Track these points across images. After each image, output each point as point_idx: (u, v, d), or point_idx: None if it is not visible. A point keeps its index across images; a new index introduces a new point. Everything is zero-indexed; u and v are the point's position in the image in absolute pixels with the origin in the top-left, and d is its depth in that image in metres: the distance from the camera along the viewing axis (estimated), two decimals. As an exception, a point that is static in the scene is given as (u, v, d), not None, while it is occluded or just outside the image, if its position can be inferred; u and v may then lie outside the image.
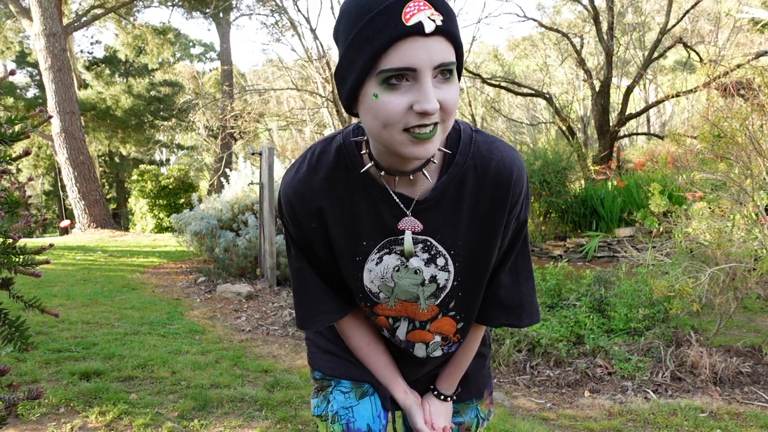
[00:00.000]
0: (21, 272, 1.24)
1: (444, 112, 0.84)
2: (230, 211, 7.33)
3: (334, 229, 1.03)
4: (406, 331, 1.15)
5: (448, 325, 1.13)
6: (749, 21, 15.81)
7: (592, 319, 4.05)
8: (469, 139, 1.00)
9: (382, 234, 1.03)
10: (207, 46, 27.45)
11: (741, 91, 4.36)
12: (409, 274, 1.05)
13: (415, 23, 0.78)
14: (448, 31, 0.81)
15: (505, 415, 2.95)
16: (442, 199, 1.00)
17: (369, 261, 1.05)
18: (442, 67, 0.82)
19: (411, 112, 0.82)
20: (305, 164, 1.03)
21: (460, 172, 0.99)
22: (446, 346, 1.17)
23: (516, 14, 27.05)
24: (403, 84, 0.82)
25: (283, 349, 4.19)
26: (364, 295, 1.10)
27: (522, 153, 9.13)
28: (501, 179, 1.00)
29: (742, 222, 3.73)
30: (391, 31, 0.79)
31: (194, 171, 28.28)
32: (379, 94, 0.83)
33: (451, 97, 0.84)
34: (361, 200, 1.01)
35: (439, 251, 1.04)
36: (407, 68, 0.80)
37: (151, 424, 2.66)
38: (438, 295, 1.08)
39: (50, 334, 4.14)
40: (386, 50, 0.80)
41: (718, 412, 2.93)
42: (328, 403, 1.21)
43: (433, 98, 0.81)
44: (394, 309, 1.11)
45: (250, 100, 17.85)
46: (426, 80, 0.81)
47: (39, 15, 12.57)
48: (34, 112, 1.33)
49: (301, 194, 1.02)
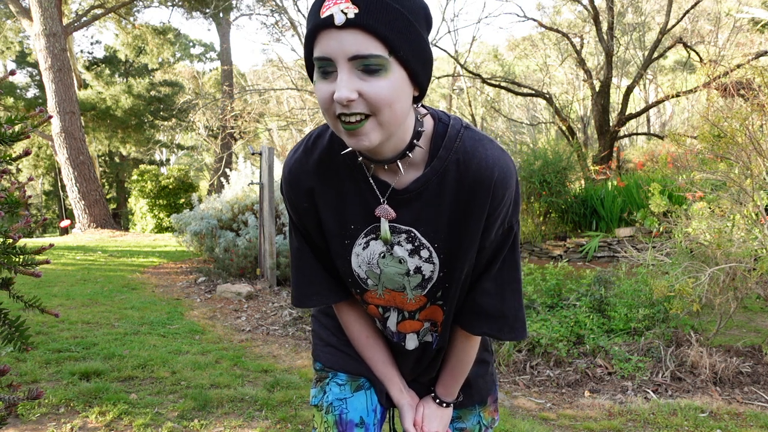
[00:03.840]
0: (21, 272, 1.24)
1: (371, 104, 0.85)
2: (230, 211, 7.33)
3: (324, 210, 1.06)
4: (396, 321, 1.16)
5: (437, 312, 1.15)
6: (749, 21, 15.82)
7: (592, 319, 4.05)
8: (456, 134, 1.00)
9: (367, 219, 1.05)
10: (207, 46, 27.46)
11: (741, 91, 4.36)
12: (394, 263, 1.07)
13: (326, 16, 0.82)
14: (364, 23, 0.82)
15: (505, 415, 2.95)
16: (425, 192, 1.00)
17: (356, 245, 1.07)
18: (360, 59, 0.83)
19: (335, 101, 0.86)
20: (302, 146, 1.08)
21: (442, 166, 0.99)
22: (435, 332, 1.18)
23: (516, 14, 27.07)
24: (332, 74, 0.86)
25: (283, 349, 4.19)
26: (353, 281, 1.12)
27: (522, 153, 9.13)
28: (480, 178, 0.98)
29: (742, 222, 3.73)
30: (310, 23, 0.85)
31: (194, 171, 28.30)
32: (316, 81, 0.89)
33: (374, 91, 0.84)
34: (348, 183, 1.04)
35: (423, 243, 1.04)
36: (324, 57, 0.85)
37: (151, 424, 2.66)
38: (425, 286, 1.09)
39: (50, 334, 4.14)
40: (312, 41, 0.86)
41: (718, 412, 2.93)
42: (324, 393, 1.23)
43: (344, 88, 0.83)
44: (383, 298, 1.13)
45: (250, 100, 17.86)
46: (341, 71, 0.84)
47: (39, 15, 12.57)
48: (34, 112, 1.33)
49: (295, 174, 1.06)
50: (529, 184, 8.13)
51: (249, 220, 6.92)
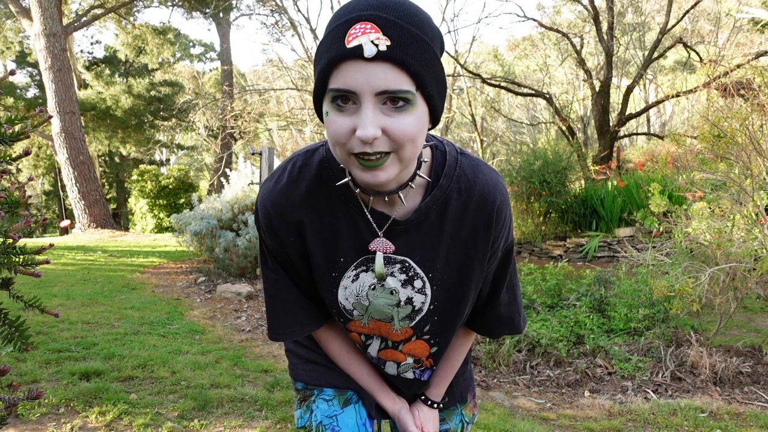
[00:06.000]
0: (21, 272, 1.24)
1: (394, 142, 0.80)
2: (230, 211, 7.33)
3: (313, 243, 1.01)
4: (377, 348, 1.13)
5: (421, 348, 1.12)
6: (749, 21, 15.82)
7: (592, 319, 4.05)
8: (455, 161, 0.98)
9: (359, 251, 1.00)
10: (207, 46, 27.46)
11: (741, 91, 4.36)
12: (385, 294, 1.03)
13: (354, 46, 0.76)
14: (395, 57, 0.76)
15: (505, 415, 2.95)
16: (424, 222, 0.98)
17: (345, 278, 1.03)
18: (388, 94, 0.78)
19: (355, 137, 0.80)
20: (285, 176, 1.00)
21: (443, 195, 0.97)
22: (419, 370, 1.15)
23: (516, 14, 27.04)
24: (349, 106, 0.80)
25: (283, 349, 4.18)
26: (338, 311, 1.08)
27: (522, 153, 9.13)
28: (485, 203, 0.98)
29: (742, 222, 3.73)
30: (333, 51, 0.78)
31: (194, 171, 28.30)
32: (330, 112, 0.82)
33: (400, 128, 0.79)
34: (341, 216, 0.98)
35: (417, 273, 1.02)
36: (347, 90, 0.78)
37: (151, 424, 2.66)
38: (413, 318, 1.06)
39: (50, 334, 4.14)
40: (331, 70, 0.78)
41: (718, 412, 2.93)
42: (311, 413, 1.17)
43: (370, 125, 0.77)
44: (367, 327, 1.09)
45: (250, 100, 17.85)
46: (366, 106, 0.78)
47: (39, 15, 12.57)
48: (34, 112, 1.33)
49: (280, 207, 0.99)
50: (529, 184, 8.12)
51: (249, 220, 6.92)
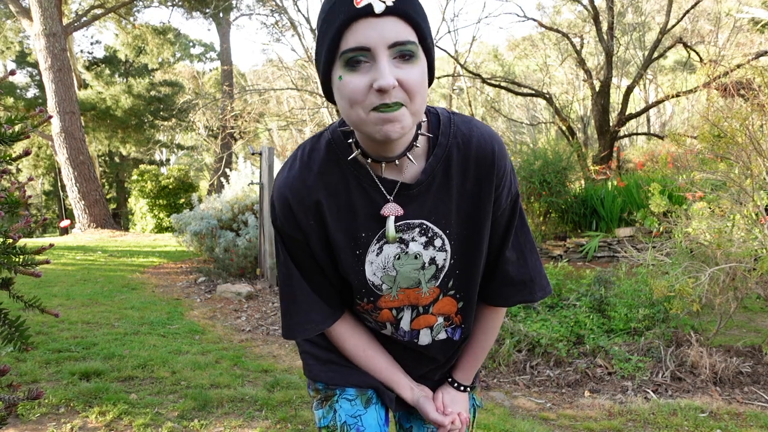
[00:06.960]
0: (21, 272, 1.23)
1: (407, 92, 0.87)
2: (230, 211, 7.33)
3: (333, 223, 1.04)
4: (410, 319, 1.15)
5: (449, 304, 1.15)
6: (749, 21, 15.82)
7: (592, 319, 4.05)
8: (448, 120, 1.04)
9: (379, 223, 1.04)
10: (207, 46, 27.46)
11: (741, 91, 4.36)
12: (410, 260, 1.07)
13: (365, 5, 0.84)
14: (400, 10, 0.85)
15: (505, 415, 2.95)
16: (433, 182, 1.03)
17: (369, 253, 1.06)
18: (398, 46, 0.85)
19: (372, 91, 0.86)
20: (297, 162, 1.05)
21: (444, 153, 1.02)
22: (450, 328, 1.18)
23: (516, 14, 27.06)
24: (363, 65, 0.86)
25: (283, 349, 4.19)
26: (367, 290, 1.10)
27: (522, 153, 9.12)
28: (484, 153, 1.03)
29: (742, 222, 3.73)
30: (344, 14, 0.85)
31: (194, 171, 28.30)
32: (343, 75, 0.88)
33: (413, 77, 0.87)
34: (356, 191, 1.03)
35: (436, 233, 1.06)
36: (361, 47, 0.85)
37: (151, 424, 2.66)
38: (438, 276, 1.10)
39: (50, 334, 4.14)
40: (343, 32, 0.86)
41: (718, 412, 2.93)
42: (334, 413, 1.19)
43: (388, 75, 0.84)
44: (397, 299, 1.12)
45: (250, 100, 17.84)
46: (381, 58, 0.85)
47: (39, 15, 12.57)
48: (34, 112, 1.33)
49: (298, 191, 1.03)
50: (529, 184, 8.11)
51: (249, 220, 6.92)
